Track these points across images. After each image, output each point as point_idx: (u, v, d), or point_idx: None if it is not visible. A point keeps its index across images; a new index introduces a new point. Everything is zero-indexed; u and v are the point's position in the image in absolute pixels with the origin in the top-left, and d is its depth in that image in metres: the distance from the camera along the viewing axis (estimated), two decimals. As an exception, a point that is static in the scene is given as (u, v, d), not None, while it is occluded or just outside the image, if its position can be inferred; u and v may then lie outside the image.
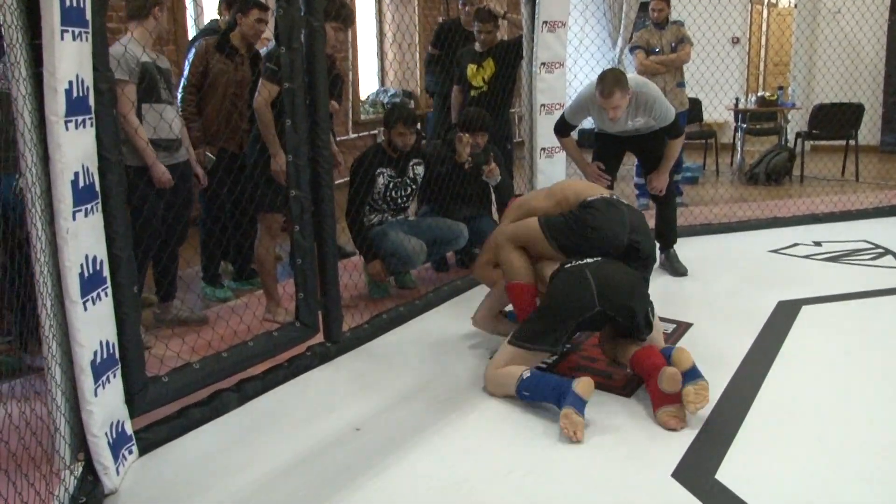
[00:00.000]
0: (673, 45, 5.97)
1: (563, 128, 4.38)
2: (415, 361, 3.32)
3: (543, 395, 2.69)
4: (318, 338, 3.35)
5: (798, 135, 7.91)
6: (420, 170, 4.37)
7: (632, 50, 6.09)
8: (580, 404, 2.57)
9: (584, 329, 2.94)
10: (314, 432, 2.68)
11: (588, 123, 4.55)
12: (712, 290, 4.15)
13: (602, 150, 4.48)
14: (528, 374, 2.75)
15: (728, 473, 2.33)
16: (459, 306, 4.10)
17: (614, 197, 3.14)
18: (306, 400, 2.97)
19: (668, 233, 4.53)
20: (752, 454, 2.45)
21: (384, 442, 2.59)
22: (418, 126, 4.26)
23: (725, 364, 3.15)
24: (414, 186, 4.34)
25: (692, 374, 2.64)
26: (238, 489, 2.33)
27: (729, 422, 2.66)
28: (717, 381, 2.97)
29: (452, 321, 3.85)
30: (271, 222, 3.78)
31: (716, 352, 3.29)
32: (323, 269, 3.31)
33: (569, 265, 2.91)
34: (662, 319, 3.60)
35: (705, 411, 2.72)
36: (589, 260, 2.90)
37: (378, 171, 4.13)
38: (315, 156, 3.20)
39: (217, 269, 4.28)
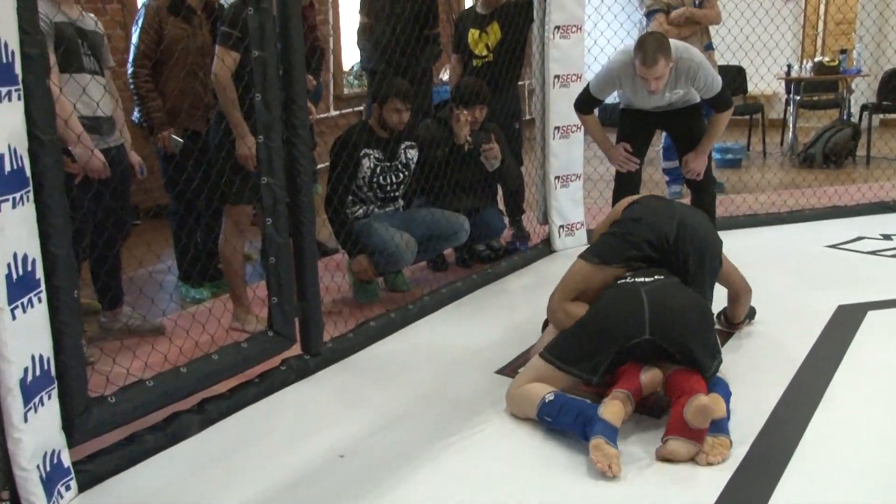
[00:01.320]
0: (696, 2, 5.94)
1: (586, 103, 4.34)
2: (407, 376, 3.30)
3: (566, 423, 2.65)
4: (295, 349, 3.33)
5: (864, 107, 7.87)
6: (413, 154, 4.35)
7: (649, 15, 6.05)
8: (611, 432, 2.52)
9: (632, 359, 2.82)
10: (290, 460, 2.66)
11: (610, 98, 4.51)
12: (759, 293, 4.08)
13: (629, 128, 4.45)
14: (552, 397, 2.71)
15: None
16: (460, 311, 4.08)
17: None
18: (281, 422, 2.96)
19: None
20: (808, 486, 2.41)
21: (371, 470, 2.58)
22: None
23: (775, 379, 3.12)
24: (406, 173, 4.32)
25: (718, 427, 2.59)
26: (198, 529, 2.31)
27: (779, 448, 2.63)
28: (766, 399, 2.95)
29: (451, 329, 3.83)
30: (239, 215, 3.76)
31: (763, 365, 3.26)
32: (300, 269, 3.30)
33: (622, 281, 2.91)
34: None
35: (752, 434, 2.69)
36: (647, 279, 2.87)
37: (364, 152, 4.11)
38: (290, 137, 3.17)
39: (195, 266, 4.28)
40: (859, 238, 5.11)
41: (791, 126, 8.22)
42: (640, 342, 2.73)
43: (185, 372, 2.86)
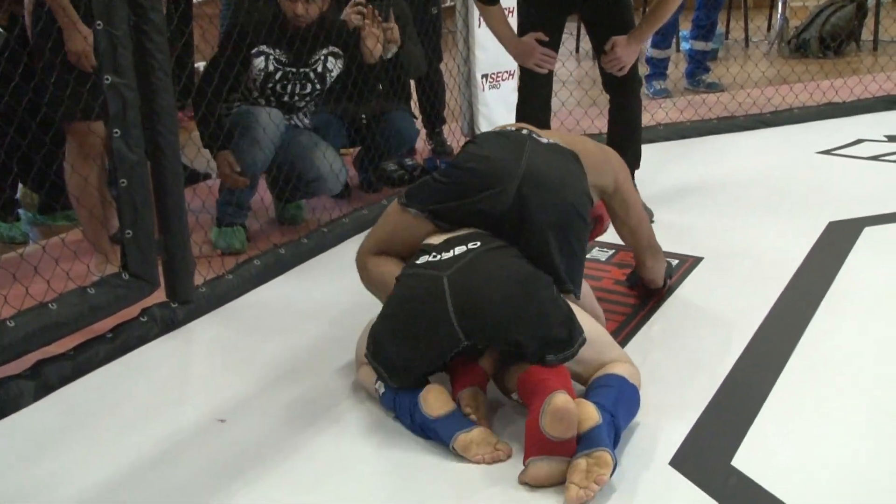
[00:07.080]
0: None
1: None
2: (300, 326, 3.37)
3: (407, 425, 2.63)
4: (158, 296, 3.36)
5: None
6: (334, 65, 4.22)
7: None
8: (456, 422, 2.50)
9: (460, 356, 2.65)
10: (155, 431, 2.68)
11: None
12: (732, 210, 4.25)
13: (535, 15, 4.12)
14: (383, 390, 2.69)
15: (747, 458, 2.41)
16: (366, 246, 4.14)
17: (529, 133, 2.89)
18: (142, 386, 2.99)
19: (628, 146, 4.09)
20: (781, 432, 2.54)
21: (259, 437, 2.63)
22: None
23: (749, 311, 3.25)
24: (319, 87, 4.23)
25: (593, 439, 2.29)
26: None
27: (752, 391, 2.75)
28: (739, 333, 3.09)
29: (355, 268, 3.89)
30: (85, 136, 3.64)
31: (737, 294, 3.40)
32: (161, 195, 3.28)
33: (420, 261, 2.69)
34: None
35: (719, 377, 2.81)
36: (453, 253, 2.64)
37: (258, 50, 3.99)
38: (140, 23, 3.11)
39: (9, 195, 4.23)
40: (858, 141, 5.29)
41: (780, 6, 8.29)
42: (460, 351, 2.60)
43: (12, 326, 2.83)
